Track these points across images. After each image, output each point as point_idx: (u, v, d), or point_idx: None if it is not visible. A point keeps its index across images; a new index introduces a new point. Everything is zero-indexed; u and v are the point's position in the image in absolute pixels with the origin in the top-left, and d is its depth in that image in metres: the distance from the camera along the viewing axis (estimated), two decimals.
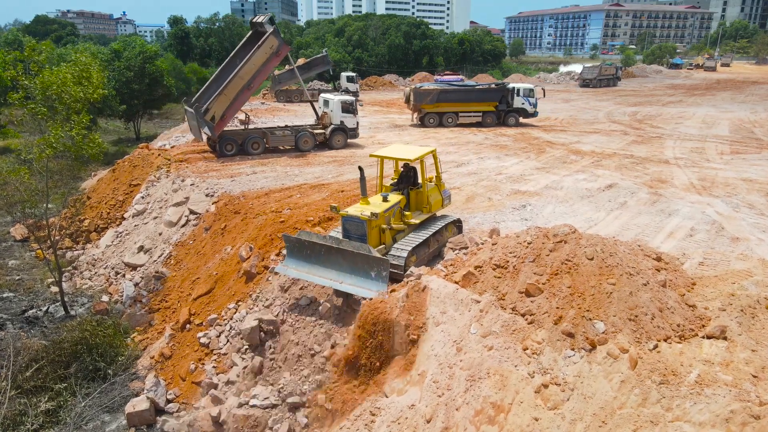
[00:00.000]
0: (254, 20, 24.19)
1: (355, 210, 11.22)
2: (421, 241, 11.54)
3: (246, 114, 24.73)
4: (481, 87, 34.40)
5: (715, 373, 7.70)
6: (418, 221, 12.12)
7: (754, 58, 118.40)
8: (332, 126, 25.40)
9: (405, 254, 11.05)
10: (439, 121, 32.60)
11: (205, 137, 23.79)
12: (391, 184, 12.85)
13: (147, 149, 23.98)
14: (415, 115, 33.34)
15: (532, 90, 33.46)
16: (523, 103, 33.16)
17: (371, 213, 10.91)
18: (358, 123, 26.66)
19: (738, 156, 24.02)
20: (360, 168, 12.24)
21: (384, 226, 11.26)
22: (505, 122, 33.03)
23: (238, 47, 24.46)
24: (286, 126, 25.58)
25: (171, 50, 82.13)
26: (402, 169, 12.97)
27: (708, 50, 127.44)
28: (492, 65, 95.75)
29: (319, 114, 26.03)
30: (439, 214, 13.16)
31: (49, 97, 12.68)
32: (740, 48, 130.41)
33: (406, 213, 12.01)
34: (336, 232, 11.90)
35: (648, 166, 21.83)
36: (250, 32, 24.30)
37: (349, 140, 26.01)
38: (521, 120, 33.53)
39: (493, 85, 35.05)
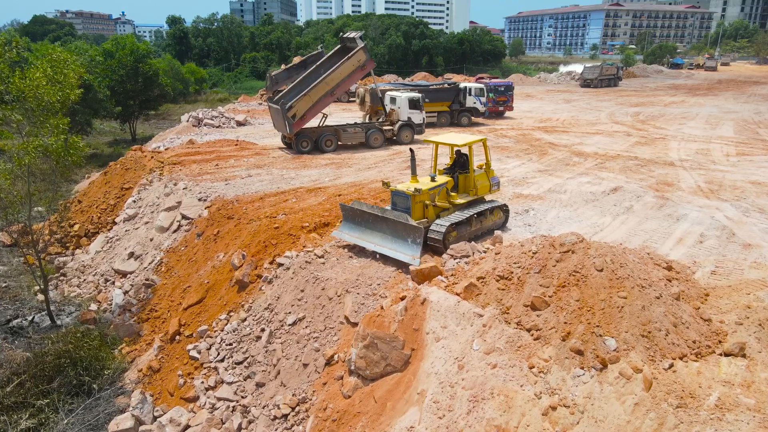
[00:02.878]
0: (344, 36, 26.32)
1: (403, 186, 12.74)
2: (461, 219, 12.58)
3: (324, 114, 25.64)
4: (435, 87, 34.18)
5: (737, 396, 7.18)
6: (463, 201, 13.20)
7: (754, 57, 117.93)
8: (400, 122, 26.50)
9: (444, 229, 12.05)
10: None
11: (281, 136, 25.38)
12: (444, 168, 14.08)
13: (140, 151, 23.44)
14: (369, 116, 31.71)
15: (482, 89, 33.68)
16: (474, 103, 33.19)
17: (415, 189, 12.31)
18: (424, 119, 27.73)
19: (744, 158, 23.50)
20: (411, 150, 13.53)
21: (427, 202, 12.55)
22: (458, 122, 32.94)
23: (324, 58, 26.59)
24: (356, 123, 26.84)
25: (169, 50, 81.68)
26: (456, 155, 14.13)
27: (708, 50, 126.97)
28: (492, 65, 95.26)
29: (387, 111, 27.09)
30: (488, 199, 14.22)
31: (25, 101, 12.11)
32: (740, 48, 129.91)
33: (452, 194, 13.17)
34: (390, 207, 13.10)
35: (653, 169, 21.30)
36: (338, 46, 26.36)
37: (415, 136, 26.92)
38: (473, 119, 33.58)
39: (446, 85, 34.76)
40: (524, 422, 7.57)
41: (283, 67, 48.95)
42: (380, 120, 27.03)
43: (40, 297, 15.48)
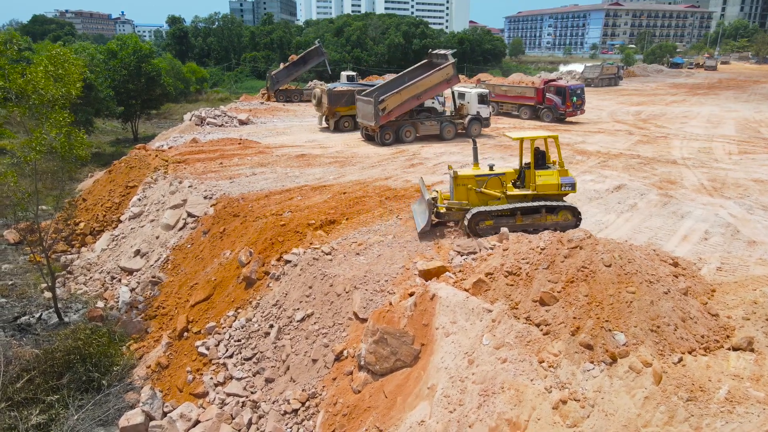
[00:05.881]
0: (434, 52, 29.02)
1: (458, 169, 13.71)
2: (497, 210, 12.94)
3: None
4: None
5: (746, 389, 7.25)
6: (516, 194, 13.26)
7: (754, 57, 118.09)
8: (469, 116, 28.55)
9: (470, 215, 12.78)
10: (354, 125, 30.44)
11: (361, 130, 27.78)
12: (526, 163, 14.01)
13: (144, 150, 23.49)
14: (326, 117, 31.26)
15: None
16: (432, 102, 32.97)
17: (454, 172, 13.30)
18: (491, 113, 30.22)
19: (746, 156, 23.58)
20: (473, 140, 14.53)
21: (470, 187, 13.22)
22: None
23: (409, 69, 29.37)
24: (430, 116, 28.63)
25: (169, 50, 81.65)
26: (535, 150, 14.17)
27: (708, 50, 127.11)
28: (492, 65, 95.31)
29: (457, 105, 28.99)
30: (565, 199, 13.79)
31: (27, 97, 12.13)
32: (740, 47, 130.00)
33: (509, 186, 13.39)
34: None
35: (656, 167, 21.38)
36: (425, 60, 29.39)
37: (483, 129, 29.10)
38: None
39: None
40: (535, 416, 7.64)
41: (282, 65, 49.02)
42: (451, 114, 28.82)
43: (47, 294, 15.54)
